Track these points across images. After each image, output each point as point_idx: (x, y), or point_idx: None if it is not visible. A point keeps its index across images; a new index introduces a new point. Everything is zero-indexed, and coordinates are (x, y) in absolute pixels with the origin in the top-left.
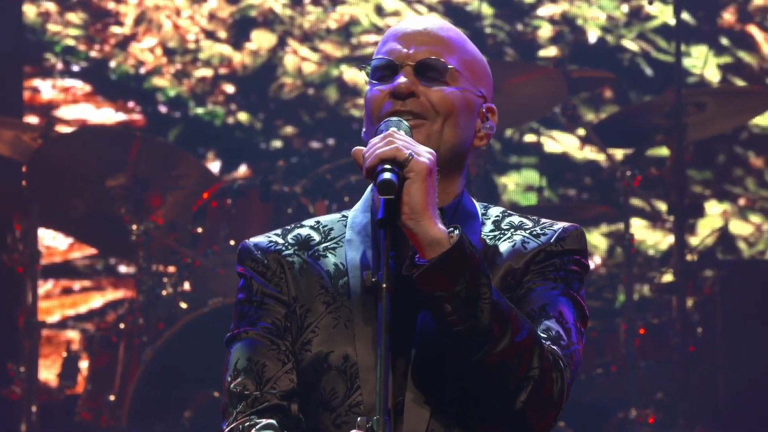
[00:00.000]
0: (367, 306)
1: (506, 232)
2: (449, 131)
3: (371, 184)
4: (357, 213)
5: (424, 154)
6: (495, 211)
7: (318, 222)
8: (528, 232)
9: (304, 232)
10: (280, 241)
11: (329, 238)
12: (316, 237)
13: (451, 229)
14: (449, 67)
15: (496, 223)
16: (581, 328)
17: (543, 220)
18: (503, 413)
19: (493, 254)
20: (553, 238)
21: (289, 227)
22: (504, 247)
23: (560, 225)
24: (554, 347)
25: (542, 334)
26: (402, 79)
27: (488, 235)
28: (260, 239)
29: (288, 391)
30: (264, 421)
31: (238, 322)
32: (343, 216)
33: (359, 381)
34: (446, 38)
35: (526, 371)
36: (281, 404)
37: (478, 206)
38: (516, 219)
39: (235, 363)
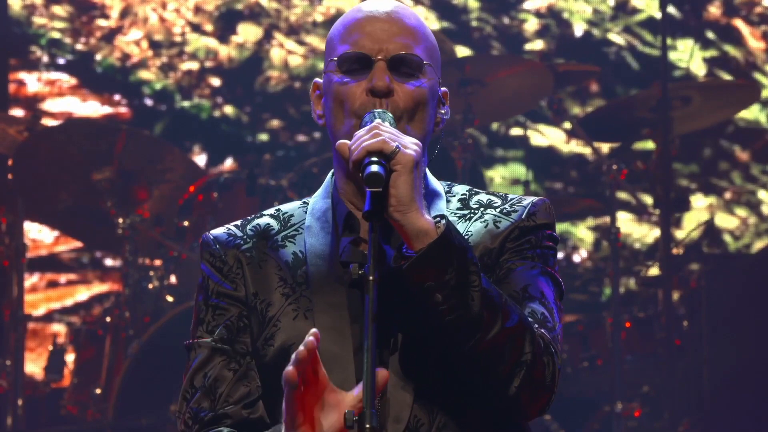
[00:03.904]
0: (326, 293)
1: (476, 212)
2: (417, 126)
3: (331, 171)
4: (318, 199)
5: (411, 146)
6: (460, 189)
7: (279, 210)
8: (498, 210)
9: (263, 221)
10: (239, 233)
11: (289, 225)
12: (276, 225)
13: (438, 219)
14: (424, 63)
15: (463, 201)
16: (561, 306)
17: (510, 196)
18: (496, 399)
19: (466, 234)
20: (524, 214)
21: (249, 218)
22: (476, 227)
23: (529, 200)
24: (543, 330)
25: (529, 317)
26: (380, 78)
27: (455, 213)
28: (220, 232)
29: (243, 397)
30: None
31: (195, 328)
32: (304, 203)
33: None
34: (413, 27)
35: (519, 357)
36: (239, 415)
37: (442, 185)
38: (484, 197)
39: (192, 378)
